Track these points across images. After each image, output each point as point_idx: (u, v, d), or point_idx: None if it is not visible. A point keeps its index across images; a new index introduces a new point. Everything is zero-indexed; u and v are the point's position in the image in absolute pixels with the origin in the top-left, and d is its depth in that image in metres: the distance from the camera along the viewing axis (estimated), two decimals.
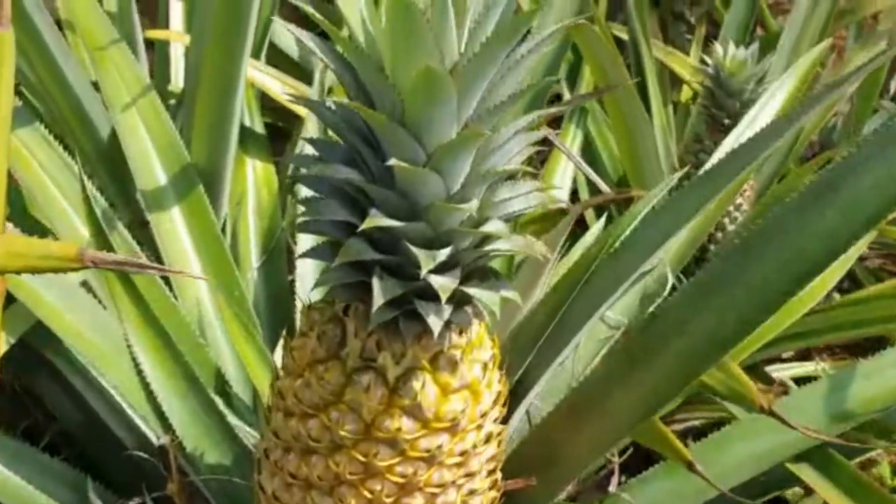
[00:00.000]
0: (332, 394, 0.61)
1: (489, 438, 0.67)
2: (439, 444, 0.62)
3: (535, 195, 0.57)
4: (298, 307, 1.07)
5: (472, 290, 0.56)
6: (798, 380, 1.55)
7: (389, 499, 0.64)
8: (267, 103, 1.47)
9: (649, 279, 1.09)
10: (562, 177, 1.38)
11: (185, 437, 0.87)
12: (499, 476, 0.74)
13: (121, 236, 0.99)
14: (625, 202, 1.40)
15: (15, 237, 0.49)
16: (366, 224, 0.52)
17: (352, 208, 0.56)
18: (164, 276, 1.05)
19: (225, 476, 0.87)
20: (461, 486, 0.67)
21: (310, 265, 1.02)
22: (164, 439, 0.84)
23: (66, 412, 1.05)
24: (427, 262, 0.53)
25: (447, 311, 0.56)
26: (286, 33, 1.58)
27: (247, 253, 1.25)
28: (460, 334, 0.62)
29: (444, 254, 0.54)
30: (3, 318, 0.90)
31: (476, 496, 0.68)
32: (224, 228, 1.26)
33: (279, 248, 1.24)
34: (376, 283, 0.53)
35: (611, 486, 1.08)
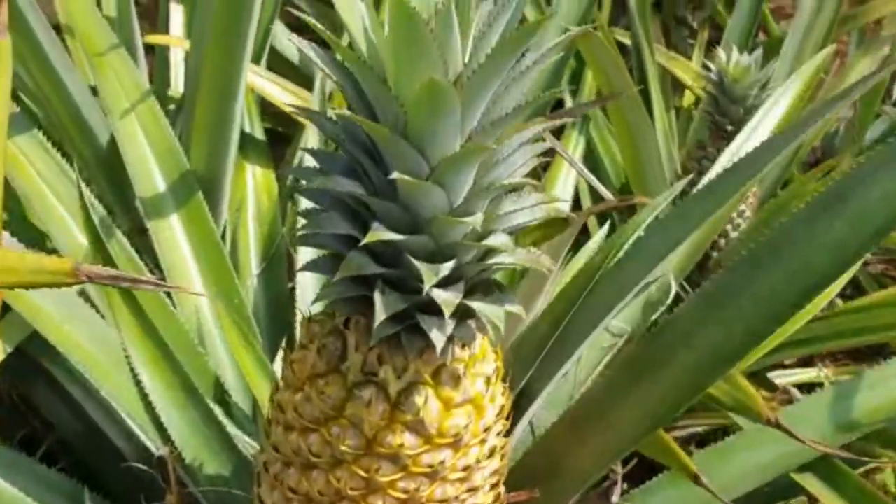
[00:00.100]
0: (332, 408, 0.60)
1: (492, 453, 0.66)
2: (442, 460, 0.61)
3: (539, 208, 0.56)
4: (298, 315, 1.06)
5: (475, 305, 0.55)
6: (801, 386, 1.55)
7: None
8: (267, 108, 1.46)
9: (652, 287, 1.08)
10: (564, 183, 1.37)
11: (184, 448, 0.86)
12: (502, 490, 0.73)
13: (119, 244, 0.98)
14: (628, 209, 1.40)
15: (6, 252, 0.48)
16: (368, 238, 0.51)
17: (353, 221, 0.55)
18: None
19: (224, 487, 0.86)
20: (464, 502, 0.66)
21: (310, 273, 1.01)
22: (162, 450, 0.83)
23: (63, 421, 1.04)
24: (430, 276, 0.52)
25: (450, 325, 0.55)
26: (287, 36, 1.57)
27: (246, 260, 1.24)
28: (463, 348, 0.61)
29: (448, 268, 0.53)
30: (0, 326, 0.90)
31: None
32: (224, 235, 1.25)
33: (279, 254, 1.23)
34: (378, 298, 0.52)
35: (614, 496, 1.07)
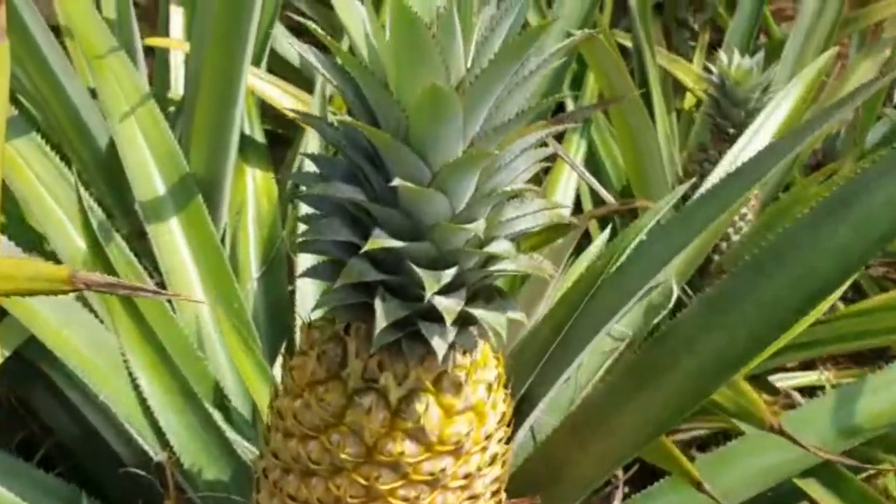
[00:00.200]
0: (332, 415, 0.60)
1: (494, 460, 0.66)
2: (443, 468, 0.61)
3: (542, 214, 0.55)
4: (298, 320, 1.05)
5: (477, 312, 0.54)
6: (802, 389, 1.55)
7: None
8: (268, 110, 1.46)
9: (654, 291, 1.08)
10: (565, 187, 1.36)
11: (183, 453, 0.86)
12: (503, 497, 0.72)
13: (118, 248, 0.98)
14: (629, 212, 1.39)
15: (3, 259, 0.48)
16: (369, 245, 0.50)
17: (354, 227, 0.54)
18: (162, 289, 1.04)
19: (223, 493, 0.85)
20: None
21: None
22: (161, 456, 0.82)
23: (61, 425, 1.04)
24: (431, 283, 0.51)
25: (452, 332, 0.54)
26: (287, 39, 1.57)
27: (246, 263, 1.23)
28: (465, 354, 0.60)
29: (449, 275, 0.52)
30: None
31: None
32: (223, 238, 1.25)
33: (279, 257, 1.23)
34: (379, 305, 0.52)
35: (615, 501, 1.07)
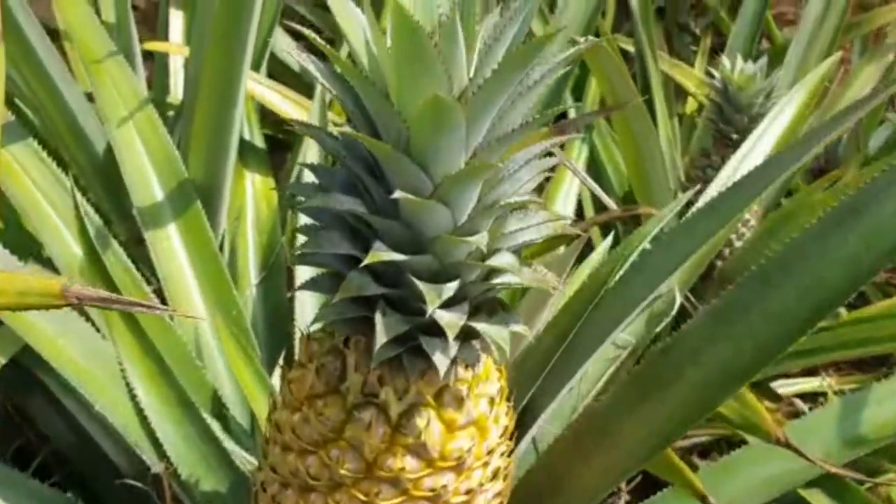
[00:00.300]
0: (331, 430, 0.58)
1: (496, 474, 0.64)
2: (444, 484, 0.59)
3: (546, 226, 0.54)
4: (298, 326, 1.04)
5: (480, 326, 0.53)
6: (804, 396, 1.54)
7: None
8: (267, 114, 1.45)
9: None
10: (567, 193, 1.35)
11: (180, 464, 0.85)
12: None
13: (115, 255, 0.97)
14: (632, 218, 1.38)
15: None
16: (369, 259, 0.49)
17: (353, 240, 0.53)
18: (160, 296, 1.03)
19: None
20: None
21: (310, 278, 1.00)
22: (157, 468, 0.81)
23: (58, 433, 1.03)
24: (433, 298, 0.50)
25: (454, 347, 0.53)
26: (287, 43, 1.56)
27: (245, 269, 1.23)
28: (466, 368, 0.59)
29: (451, 288, 0.51)
30: None
31: None
32: (222, 244, 1.24)
33: (278, 264, 1.22)
34: (379, 320, 0.51)
35: None
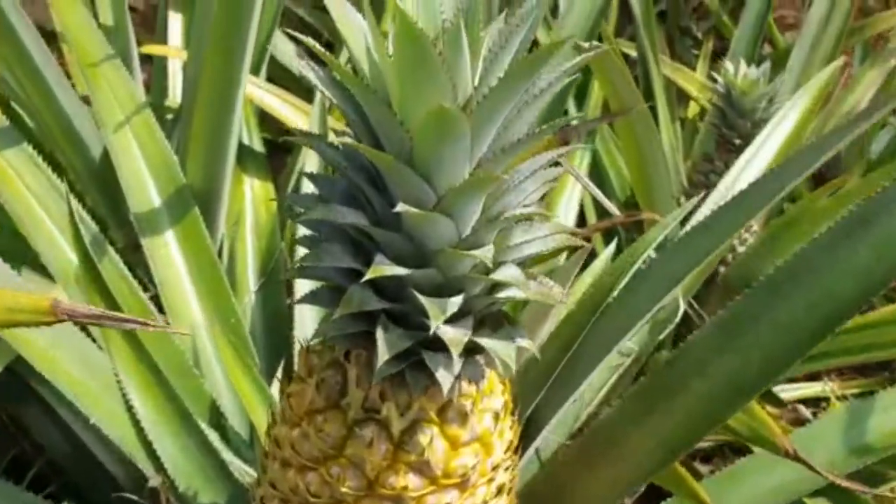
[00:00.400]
0: (332, 447, 0.57)
1: (500, 490, 0.63)
2: (448, 502, 0.58)
3: (552, 238, 0.52)
4: (297, 335, 1.03)
5: (485, 342, 0.52)
6: (806, 400, 1.53)
7: None
8: (266, 117, 1.44)
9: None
10: (569, 198, 1.34)
11: (177, 476, 0.83)
12: None
13: (112, 262, 0.95)
14: (634, 223, 1.37)
15: None
16: (370, 274, 0.48)
17: (354, 252, 0.51)
18: (157, 303, 1.01)
19: None
20: None
21: (310, 287, 0.98)
22: (154, 481, 0.79)
23: (54, 443, 1.02)
24: (437, 314, 0.48)
25: (458, 363, 0.52)
26: (287, 46, 1.55)
27: (244, 275, 1.21)
28: (470, 382, 0.58)
29: (456, 303, 0.50)
30: None
31: None
32: (221, 249, 1.23)
33: (278, 269, 1.21)
34: (381, 336, 0.49)
35: None
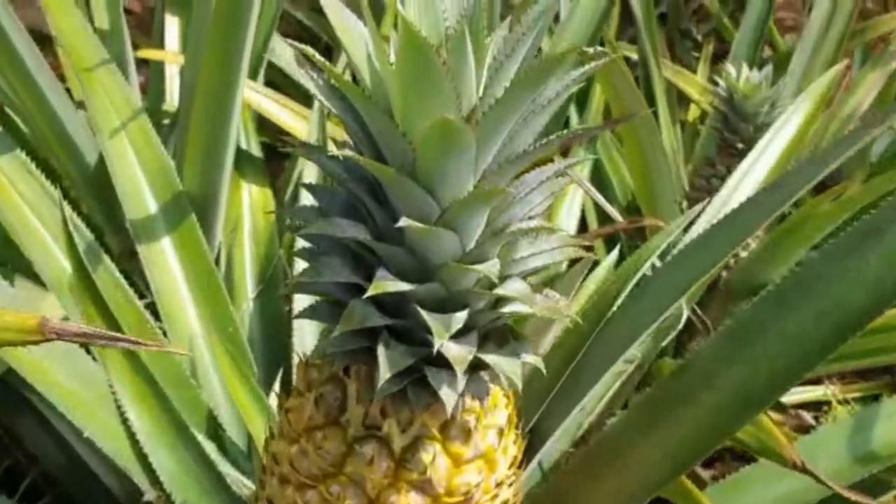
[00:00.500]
0: (331, 464, 0.55)
1: None
2: None
3: (559, 251, 0.51)
4: (296, 343, 1.01)
5: (490, 358, 0.50)
6: (808, 404, 1.52)
7: None
8: (264, 121, 1.42)
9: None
10: (570, 203, 1.33)
11: (174, 490, 0.81)
12: None
13: (107, 270, 0.93)
14: (636, 229, 1.36)
15: None
16: (372, 290, 0.46)
17: (355, 266, 0.50)
18: (153, 310, 1.00)
19: None
20: None
21: (309, 300, 0.97)
22: (150, 495, 0.78)
23: (47, 453, 1.00)
24: (441, 332, 0.47)
25: (462, 381, 0.50)
26: (285, 50, 1.53)
27: (242, 281, 1.20)
28: (474, 398, 0.56)
29: (460, 320, 0.48)
30: None
31: None
32: (218, 256, 1.21)
33: (276, 276, 1.19)
34: (382, 353, 0.47)
35: None
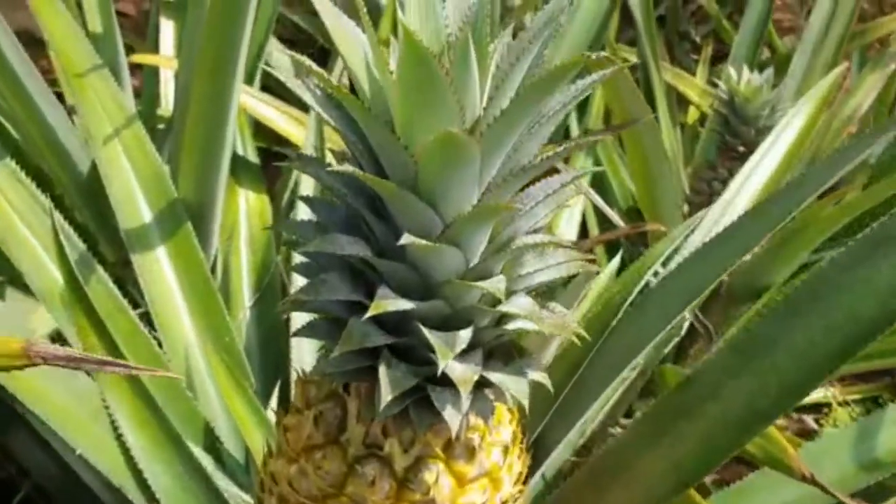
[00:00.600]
0: (331, 485, 0.54)
1: None
2: None
3: (565, 266, 0.49)
4: (293, 348, 0.99)
5: (495, 377, 0.48)
6: (808, 407, 1.52)
7: None
8: (261, 125, 1.40)
9: None
10: (571, 209, 1.31)
11: None
12: None
13: (100, 281, 0.91)
14: (638, 233, 1.34)
15: None
16: (373, 310, 0.44)
17: (355, 283, 0.48)
18: (148, 320, 0.98)
19: None
20: None
21: (307, 316, 0.95)
22: None
23: (41, 467, 0.98)
24: (445, 352, 0.45)
25: (466, 401, 0.48)
26: (282, 58, 1.52)
27: (239, 290, 1.18)
28: (478, 415, 0.54)
29: (465, 339, 0.46)
30: None
31: None
32: (215, 263, 1.19)
33: (273, 284, 1.17)
34: (384, 374, 0.46)
35: None
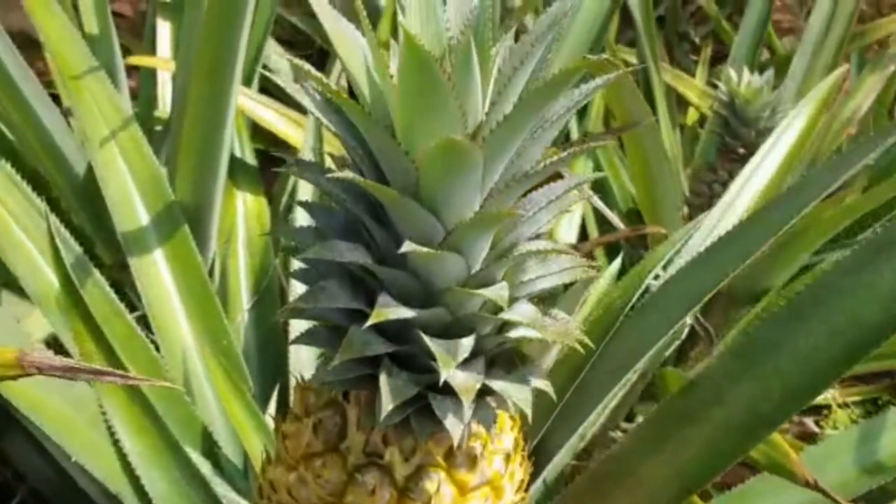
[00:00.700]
0: (331, 494, 0.53)
1: None
2: None
3: (568, 273, 0.48)
4: (292, 351, 0.99)
5: (497, 385, 0.48)
6: (808, 409, 1.51)
7: None
8: (258, 127, 1.40)
9: None
10: (571, 212, 1.30)
11: None
12: None
13: (96, 284, 0.91)
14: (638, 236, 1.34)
15: None
16: (374, 318, 0.44)
17: (354, 290, 0.47)
18: (145, 323, 0.97)
19: None
20: None
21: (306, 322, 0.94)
22: None
23: (37, 471, 0.97)
24: (447, 361, 0.44)
25: (468, 410, 0.48)
26: (280, 62, 1.51)
27: (237, 293, 1.17)
28: (480, 423, 0.54)
29: (467, 348, 0.46)
30: None
31: None
32: (212, 267, 1.19)
33: (271, 286, 1.17)
34: (385, 382, 0.45)
35: None
